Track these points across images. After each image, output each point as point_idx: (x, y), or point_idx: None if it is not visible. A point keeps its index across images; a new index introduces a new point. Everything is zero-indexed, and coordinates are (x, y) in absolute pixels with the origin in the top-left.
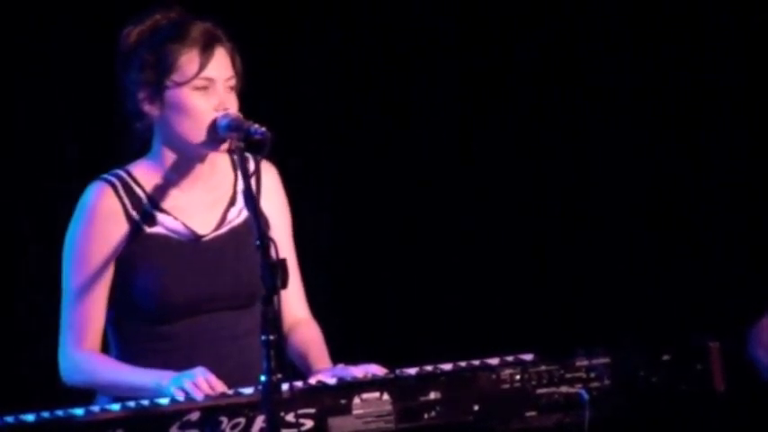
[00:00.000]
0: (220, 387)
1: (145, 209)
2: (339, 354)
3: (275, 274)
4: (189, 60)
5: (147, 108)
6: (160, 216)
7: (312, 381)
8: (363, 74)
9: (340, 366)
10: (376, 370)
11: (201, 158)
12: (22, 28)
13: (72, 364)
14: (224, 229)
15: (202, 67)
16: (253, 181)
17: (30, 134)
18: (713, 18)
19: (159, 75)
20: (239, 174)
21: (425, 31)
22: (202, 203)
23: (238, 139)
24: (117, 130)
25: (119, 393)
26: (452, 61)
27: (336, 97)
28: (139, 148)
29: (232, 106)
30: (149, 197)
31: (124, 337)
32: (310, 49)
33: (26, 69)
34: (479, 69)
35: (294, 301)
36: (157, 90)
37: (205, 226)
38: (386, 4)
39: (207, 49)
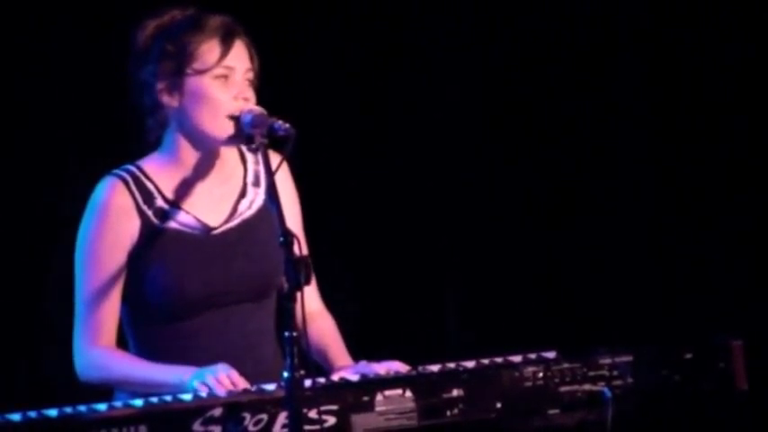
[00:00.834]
0: (242, 383)
1: (156, 204)
2: (361, 351)
3: (299, 270)
4: (209, 49)
5: (166, 99)
6: (172, 210)
7: (335, 377)
8: (373, 70)
9: (362, 363)
10: (399, 367)
11: (215, 151)
12: (22, 28)
13: (87, 361)
14: (235, 222)
15: (223, 55)
16: (265, 175)
17: (29, 134)
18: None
19: (179, 63)
20: (249, 166)
21: (437, 29)
22: (213, 196)
23: (262, 135)
24: (130, 126)
25: (137, 389)
26: (461, 59)
27: (352, 92)
28: (151, 143)
29: (251, 98)
30: (161, 192)
31: (139, 336)
32: (318, 46)
33: (26, 69)
34: (484, 68)
35: (308, 293)
36: (177, 79)
37: (216, 218)
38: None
39: (227, 39)
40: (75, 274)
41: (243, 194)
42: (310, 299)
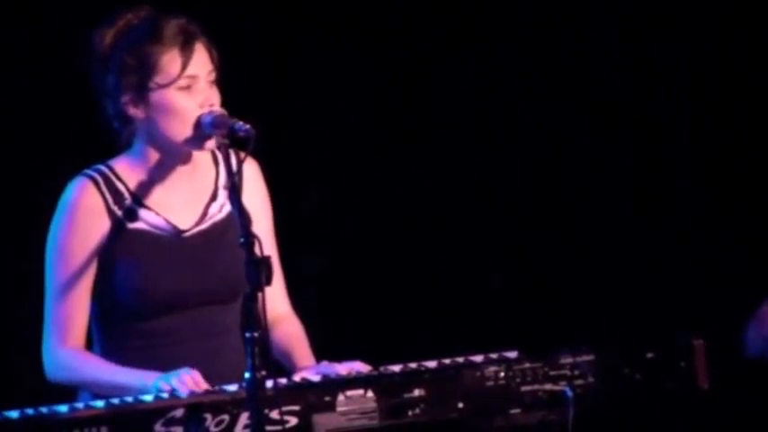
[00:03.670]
0: (204, 384)
1: (127, 204)
2: (323, 351)
3: (259, 270)
4: (170, 60)
5: (132, 111)
6: (142, 212)
7: (296, 378)
8: (362, 72)
9: (324, 363)
10: (360, 367)
11: (185, 156)
12: (21, 28)
13: (56, 361)
14: (205, 225)
15: (185, 66)
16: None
17: (29, 135)
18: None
19: (142, 78)
20: (221, 169)
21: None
22: (184, 199)
23: (222, 135)
24: (101, 128)
25: (102, 391)
26: (453, 61)
27: (334, 94)
28: (122, 145)
29: (216, 101)
30: (131, 193)
31: (107, 333)
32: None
33: (26, 69)
34: (477, 69)
35: (276, 297)
36: (141, 93)
37: (186, 221)
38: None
39: (186, 47)
40: (45, 274)
41: (214, 197)
42: (278, 302)
